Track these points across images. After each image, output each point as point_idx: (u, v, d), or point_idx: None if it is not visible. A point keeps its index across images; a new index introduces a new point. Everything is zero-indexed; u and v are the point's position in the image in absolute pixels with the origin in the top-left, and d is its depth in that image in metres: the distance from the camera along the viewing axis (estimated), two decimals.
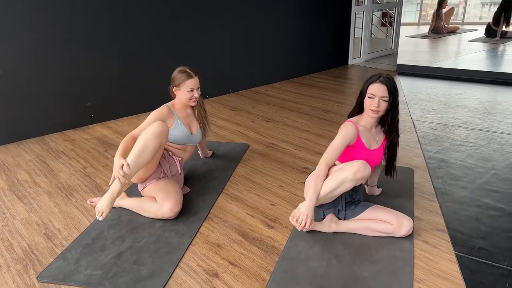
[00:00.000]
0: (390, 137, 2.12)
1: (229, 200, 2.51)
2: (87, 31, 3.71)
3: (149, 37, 4.14)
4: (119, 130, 3.73)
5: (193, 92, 2.47)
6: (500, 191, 2.54)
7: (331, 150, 2.02)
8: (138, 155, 2.10)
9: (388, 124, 2.08)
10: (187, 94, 2.46)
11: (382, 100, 2.00)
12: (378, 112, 2.02)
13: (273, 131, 3.66)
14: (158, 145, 2.17)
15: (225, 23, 4.78)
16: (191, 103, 2.50)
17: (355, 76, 5.94)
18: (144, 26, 4.08)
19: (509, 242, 2.04)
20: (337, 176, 1.96)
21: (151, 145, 2.13)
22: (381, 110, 2.02)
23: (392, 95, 2.01)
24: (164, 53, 4.26)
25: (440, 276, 1.82)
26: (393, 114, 2.06)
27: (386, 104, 2.01)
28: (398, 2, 7.19)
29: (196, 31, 4.51)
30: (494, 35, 8.26)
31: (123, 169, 2.01)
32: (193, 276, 1.85)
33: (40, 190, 2.66)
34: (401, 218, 2.03)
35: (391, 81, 2.02)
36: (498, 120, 3.85)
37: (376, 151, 2.14)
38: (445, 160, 3.00)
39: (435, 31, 9.22)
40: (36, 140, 3.55)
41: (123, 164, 2.01)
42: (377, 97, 2.00)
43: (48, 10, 3.45)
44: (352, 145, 2.08)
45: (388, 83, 2.00)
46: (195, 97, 2.48)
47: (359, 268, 1.86)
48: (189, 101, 2.49)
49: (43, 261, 1.97)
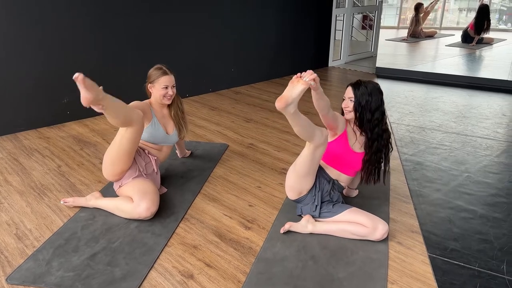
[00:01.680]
0: (366, 135, 2.13)
1: (206, 200, 2.49)
2: (65, 26, 3.63)
3: (129, 34, 4.08)
4: (96, 129, 3.66)
5: (167, 90, 2.44)
6: (472, 193, 2.60)
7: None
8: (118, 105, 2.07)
9: (358, 122, 2.11)
10: (161, 91, 2.44)
11: (350, 100, 2.10)
12: (348, 112, 2.11)
13: (253, 132, 3.66)
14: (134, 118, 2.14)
15: (207, 22, 4.75)
16: (165, 101, 2.47)
17: (334, 78, 5.99)
18: (124, 22, 4.01)
19: (480, 244, 2.09)
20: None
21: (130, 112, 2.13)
22: (350, 110, 2.10)
23: (358, 97, 2.06)
24: (144, 51, 4.21)
25: (413, 277, 1.85)
26: (361, 114, 2.08)
27: (353, 104, 2.08)
28: (378, 6, 7.30)
29: (178, 29, 4.47)
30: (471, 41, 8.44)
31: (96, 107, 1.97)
32: (168, 278, 1.83)
33: (12, 189, 2.59)
34: (376, 221, 2.05)
35: (360, 86, 2.08)
36: (472, 123, 3.95)
37: (359, 154, 2.17)
38: (421, 162, 3.05)
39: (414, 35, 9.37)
40: (8, 137, 3.45)
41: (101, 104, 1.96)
42: (346, 98, 2.12)
43: (22, 3, 3.36)
44: (337, 137, 2.13)
45: (355, 86, 2.09)
46: (169, 95, 2.46)
47: (335, 269, 1.88)
48: (163, 99, 2.46)
49: (13, 262, 1.91)
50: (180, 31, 4.50)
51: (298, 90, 1.78)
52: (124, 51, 4.08)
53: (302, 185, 2.12)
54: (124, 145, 2.21)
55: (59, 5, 3.56)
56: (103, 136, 3.48)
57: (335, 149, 2.16)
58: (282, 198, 2.50)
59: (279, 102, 1.78)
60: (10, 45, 3.37)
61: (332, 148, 2.16)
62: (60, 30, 3.61)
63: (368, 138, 2.12)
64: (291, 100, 1.78)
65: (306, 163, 2.04)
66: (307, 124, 1.89)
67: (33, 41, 3.48)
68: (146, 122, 2.44)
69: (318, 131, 1.94)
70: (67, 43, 3.67)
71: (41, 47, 3.54)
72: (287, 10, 5.70)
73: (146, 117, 2.43)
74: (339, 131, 2.14)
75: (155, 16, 4.24)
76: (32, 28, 3.46)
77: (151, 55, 4.24)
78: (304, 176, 2.09)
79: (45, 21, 3.51)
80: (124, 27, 4.04)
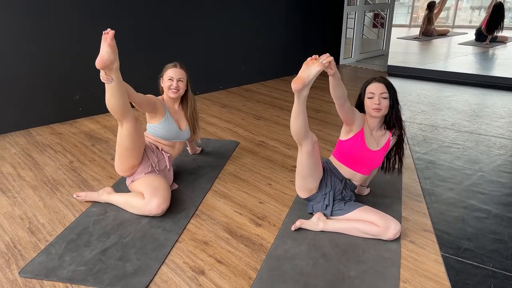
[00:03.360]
0: (397, 133, 2.15)
1: (217, 197, 2.49)
2: (77, 23, 3.65)
3: (140, 32, 4.10)
4: (107, 125, 3.68)
5: (172, 81, 2.45)
6: (486, 193, 2.56)
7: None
8: (123, 88, 2.11)
9: (394, 120, 2.09)
10: (167, 82, 2.46)
11: (382, 97, 2.03)
12: (380, 110, 2.04)
13: (263, 129, 3.65)
14: (129, 111, 2.16)
15: (217, 20, 4.76)
16: (170, 93, 2.48)
17: (345, 76, 5.96)
18: (135, 20, 4.03)
19: (494, 244, 2.06)
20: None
21: (128, 104, 2.15)
22: (383, 108, 2.04)
23: (392, 91, 2.04)
24: (155, 48, 4.22)
25: (426, 277, 1.82)
26: (396, 109, 2.08)
27: (387, 101, 2.04)
28: (390, 4, 7.23)
29: (188, 27, 4.48)
30: (484, 39, 8.34)
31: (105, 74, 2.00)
32: (179, 273, 1.83)
33: (25, 183, 2.61)
34: (389, 221, 2.02)
35: (387, 80, 2.08)
36: (486, 122, 3.89)
37: (375, 153, 2.13)
38: (433, 161, 3.01)
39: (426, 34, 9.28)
40: (21, 133, 3.49)
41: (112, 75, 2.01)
42: (376, 95, 2.03)
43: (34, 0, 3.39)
44: (354, 136, 2.08)
45: (385, 81, 2.06)
46: (173, 87, 2.46)
47: (346, 268, 1.86)
48: (168, 91, 2.47)
49: (26, 256, 1.93)
50: (191, 29, 4.51)
51: (314, 71, 1.77)
52: (134, 50, 4.09)
53: (309, 184, 2.12)
54: (123, 142, 2.23)
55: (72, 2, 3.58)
56: (115, 132, 3.50)
57: (351, 148, 2.11)
58: (293, 195, 2.49)
59: (295, 83, 1.77)
60: (23, 42, 3.40)
61: (347, 147, 2.11)
62: (72, 26, 3.63)
63: (396, 133, 2.13)
64: (308, 81, 1.78)
65: (305, 165, 2.04)
66: (306, 119, 1.90)
67: (45, 38, 3.51)
68: (160, 117, 2.45)
69: (310, 134, 1.96)
70: (79, 40, 3.69)
71: (54, 44, 3.57)
72: (298, 8, 5.67)
73: (160, 112, 2.44)
74: (356, 128, 2.07)
75: (165, 14, 4.25)
76: (44, 25, 3.48)
77: (161, 53, 4.25)
78: (308, 176, 2.08)
79: (57, 17, 3.54)
80: (135, 26, 4.05)
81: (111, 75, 2.00)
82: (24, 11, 3.35)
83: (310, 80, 1.78)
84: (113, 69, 1.99)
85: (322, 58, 1.80)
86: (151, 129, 2.49)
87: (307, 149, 1.96)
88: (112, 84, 2.02)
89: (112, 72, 1.99)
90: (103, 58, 1.95)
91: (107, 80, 2.01)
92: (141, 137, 2.29)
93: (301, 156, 2.02)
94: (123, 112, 2.13)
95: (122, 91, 2.08)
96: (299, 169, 2.09)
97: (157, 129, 2.46)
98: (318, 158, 2.06)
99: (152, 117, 2.46)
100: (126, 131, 2.19)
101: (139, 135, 2.25)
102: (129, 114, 2.16)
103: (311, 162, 2.01)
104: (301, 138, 1.94)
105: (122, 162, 2.29)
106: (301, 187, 2.16)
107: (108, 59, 1.95)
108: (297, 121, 1.88)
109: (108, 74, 1.99)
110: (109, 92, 2.06)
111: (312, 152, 1.97)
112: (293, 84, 1.78)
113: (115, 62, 1.99)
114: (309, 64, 1.79)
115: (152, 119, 2.47)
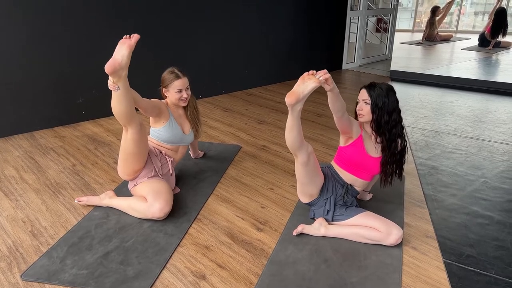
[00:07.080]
0: (382, 139, 2.08)
1: (219, 201, 2.49)
2: (81, 27, 3.67)
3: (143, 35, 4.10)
4: (110, 128, 3.69)
5: (181, 93, 2.45)
6: (489, 199, 2.55)
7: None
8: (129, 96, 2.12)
9: (376, 125, 2.07)
10: (175, 95, 2.45)
11: (364, 102, 2.05)
12: (362, 116, 2.07)
13: (266, 133, 3.65)
14: (134, 118, 2.17)
15: (220, 24, 4.77)
16: (180, 103, 2.49)
17: (348, 80, 5.96)
18: (138, 24, 4.04)
19: (497, 251, 2.05)
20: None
21: (134, 111, 2.15)
22: (365, 114, 2.06)
23: (377, 98, 2.02)
24: (158, 52, 4.23)
25: (428, 283, 1.82)
26: (379, 116, 2.04)
27: (369, 106, 2.04)
28: (393, 9, 7.24)
29: (191, 31, 4.49)
30: (487, 45, 8.33)
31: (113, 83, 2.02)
32: (180, 278, 1.83)
33: (28, 186, 2.62)
34: (391, 226, 2.02)
35: (375, 87, 2.04)
36: (489, 128, 3.88)
37: (375, 159, 2.13)
38: (436, 167, 3.01)
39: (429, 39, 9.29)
40: (25, 135, 3.50)
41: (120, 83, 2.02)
42: (360, 101, 2.07)
43: (39, 3, 3.41)
44: (353, 142, 2.10)
45: (370, 88, 2.05)
46: (184, 98, 2.47)
47: (347, 273, 1.86)
48: (179, 102, 2.48)
49: (28, 259, 1.93)
50: (194, 33, 4.52)
51: (310, 87, 1.78)
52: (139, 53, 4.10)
53: (310, 189, 2.13)
54: (128, 147, 2.23)
55: (76, 6, 3.60)
56: (117, 136, 3.50)
57: (351, 154, 2.13)
58: (294, 200, 2.49)
59: (289, 97, 1.78)
60: (27, 46, 3.42)
61: (348, 153, 2.14)
62: (76, 30, 3.65)
63: (386, 140, 2.07)
64: (302, 96, 1.78)
65: (302, 174, 2.05)
66: (301, 132, 1.91)
67: (49, 42, 3.53)
68: (164, 121, 2.45)
69: (305, 145, 1.96)
70: (83, 44, 3.72)
71: (58, 47, 3.59)
72: (301, 12, 5.68)
73: (164, 116, 2.45)
74: (354, 135, 2.11)
75: (171, 18, 4.26)
76: (48, 29, 3.51)
77: (165, 56, 4.27)
78: (308, 182, 2.09)
79: (61, 21, 3.56)
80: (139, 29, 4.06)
81: (119, 83, 2.01)
82: (29, 16, 3.38)
83: (304, 96, 1.79)
84: (122, 77, 2.00)
85: (319, 74, 1.80)
86: (154, 134, 2.49)
87: (303, 159, 1.97)
88: (119, 91, 2.03)
89: (120, 80, 2.00)
90: (116, 61, 1.95)
91: (114, 89, 2.02)
92: (145, 142, 2.30)
93: (297, 166, 2.04)
94: (128, 118, 2.14)
95: (128, 98, 2.09)
96: (297, 177, 2.11)
97: (161, 133, 2.46)
98: (316, 167, 2.07)
99: (156, 121, 2.47)
100: (130, 136, 2.20)
101: (143, 140, 2.26)
102: (135, 120, 2.17)
103: (307, 170, 2.03)
104: (296, 150, 1.95)
105: (125, 166, 2.29)
106: (302, 192, 2.17)
107: (120, 64, 1.96)
108: (291, 134, 1.90)
109: (116, 82, 2.00)
110: (115, 99, 2.07)
111: (307, 162, 1.99)
112: (287, 98, 1.79)
113: (125, 68, 2.00)
114: (305, 79, 1.80)
115: (156, 123, 2.48)
